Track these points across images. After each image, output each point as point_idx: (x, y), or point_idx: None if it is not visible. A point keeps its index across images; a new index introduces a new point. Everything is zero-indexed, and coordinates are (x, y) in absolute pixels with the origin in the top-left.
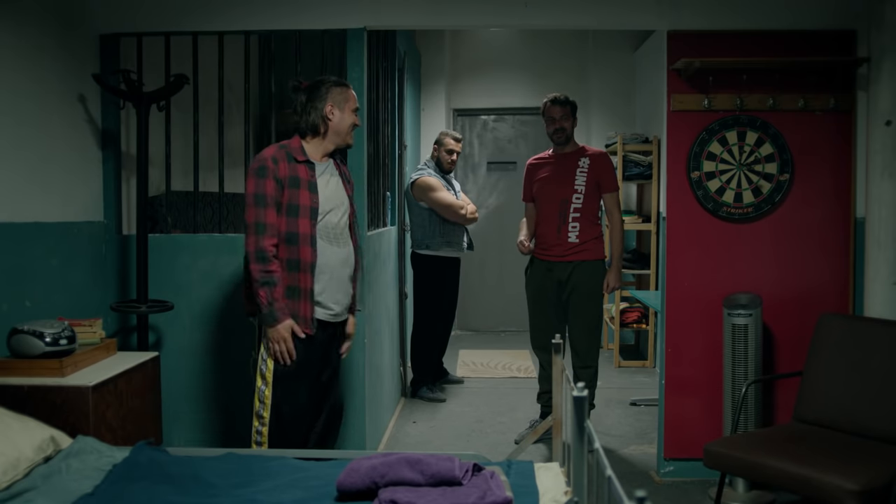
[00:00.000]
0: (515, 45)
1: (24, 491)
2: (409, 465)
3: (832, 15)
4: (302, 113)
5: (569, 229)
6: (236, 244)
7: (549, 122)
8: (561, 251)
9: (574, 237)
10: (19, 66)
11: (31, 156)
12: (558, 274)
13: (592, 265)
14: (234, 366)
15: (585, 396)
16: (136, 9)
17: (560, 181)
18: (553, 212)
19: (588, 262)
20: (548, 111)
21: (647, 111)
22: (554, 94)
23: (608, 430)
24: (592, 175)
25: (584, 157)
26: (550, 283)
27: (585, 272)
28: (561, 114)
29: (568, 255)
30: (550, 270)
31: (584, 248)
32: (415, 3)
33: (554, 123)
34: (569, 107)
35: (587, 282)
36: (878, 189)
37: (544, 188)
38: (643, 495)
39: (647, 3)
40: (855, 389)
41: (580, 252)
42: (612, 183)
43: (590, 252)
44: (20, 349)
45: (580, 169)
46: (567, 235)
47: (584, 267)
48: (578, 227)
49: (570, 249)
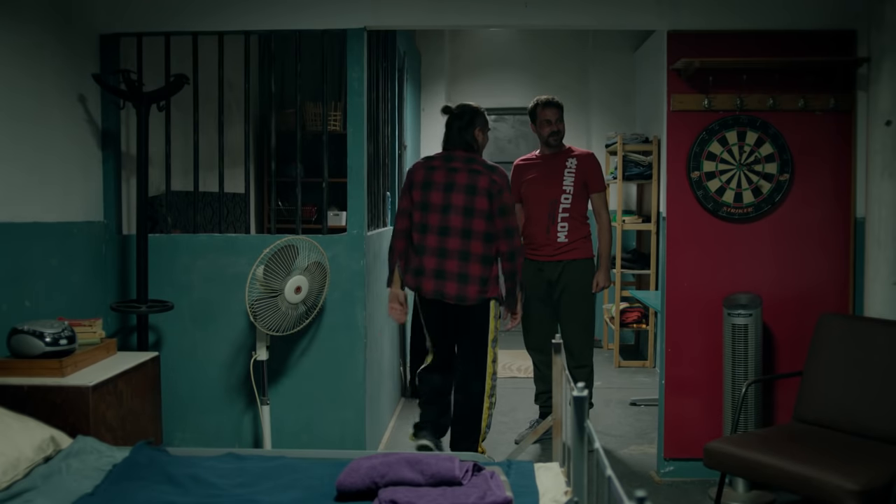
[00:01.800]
0: (515, 45)
1: (24, 491)
2: (409, 465)
3: (832, 15)
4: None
5: (558, 229)
6: (236, 244)
7: (544, 124)
8: (550, 251)
9: (563, 237)
10: (19, 64)
11: (31, 156)
12: (548, 274)
13: (582, 264)
14: (234, 366)
15: (585, 396)
16: (136, 9)
17: (548, 182)
18: (542, 212)
19: (578, 260)
20: (541, 114)
21: (647, 111)
22: (545, 96)
23: (608, 430)
24: (580, 175)
25: (571, 158)
26: (541, 283)
27: (576, 271)
28: (556, 116)
29: (557, 254)
30: (541, 270)
31: (573, 247)
32: (415, 3)
33: (550, 126)
34: (560, 108)
35: (578, 280)
36: (878, 189)
37: (533, 189)
38: (643, 495)
39: (647, 3)
40: (855, 389)
41: (570, 251)
42: (599, 183)
43: (579, 251)
44: (20, 349)
45: (568, 169)
46: (556, 235)
47: (575, 266)
48: (567, 227)
49: (559, 249)
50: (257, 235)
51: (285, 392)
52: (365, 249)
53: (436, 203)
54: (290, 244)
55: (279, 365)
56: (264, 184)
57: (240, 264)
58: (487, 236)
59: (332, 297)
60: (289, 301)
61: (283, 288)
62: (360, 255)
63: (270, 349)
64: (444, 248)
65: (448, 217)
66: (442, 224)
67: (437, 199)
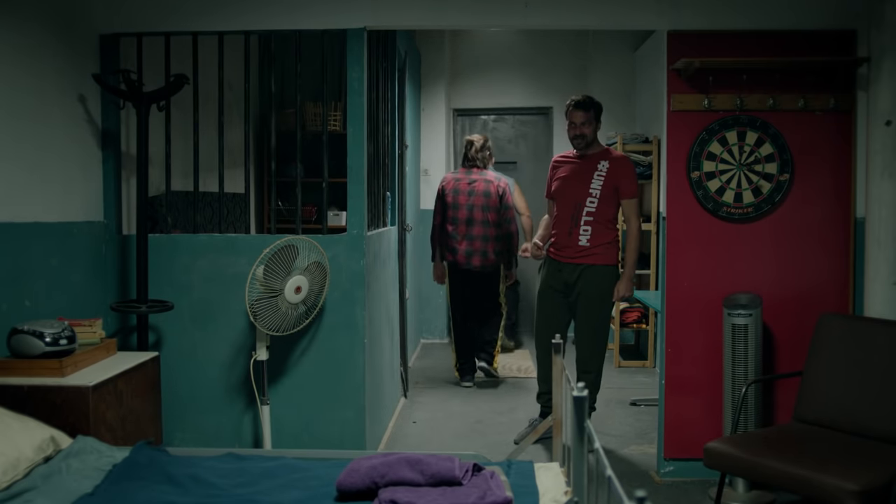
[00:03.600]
0: (515, 45)
1: (24, 491)
2: (409, 465)
3: (832, 15)
4: None
5: (580, 232)
6: (236, 244)
7: (570, 126)
8: (571, 253)
9: (584, 240)
10: (19, 64)
11: (31, 155)
12: (567, 275)
13: (602, 270)
14: (234, 366)
15: (585, 397)
16: (136, 9)
17: (576, 183)
18: (567, 213)
19: (598, 266)
20: (569, 115)
21: (647, 111)
22: (578, 96)
23: (608, 430)
24: (610, 179)
25: (604, 161)
26: (559, 283)
27: (595, 276)
28: (583, 119)
29: (577, 257)
30: (560, 271)
31: (594, 251)
32: (415, 3)
33: (574, 129)
34: (592, 111)
35: (595, 286)
36: (878, 189)
37: (561, 188)
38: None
39: (647, 3)
40: (855, 389)
41: (590, 256)
42: (630, 189)
43: (600, 256)
44: (20, 349)
45: (598, 172)
46: (578, 238)
47: (594, 271)
48: (590, 231)
49: (579, 252)
50: (257, 235)
51: (285, 392)
52: (365, 249)
53: (462, 203)
54: (290, 244)
55: (279, 365)
56: (264, 184)
57: (240, 264)
58: (497, 224)
59: (332, 297)
60: (289, 301)
61: (283, 288)
62: (360, 255)
63: (270, 349)
64: (471, 234)
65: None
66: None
67: (463, 200)
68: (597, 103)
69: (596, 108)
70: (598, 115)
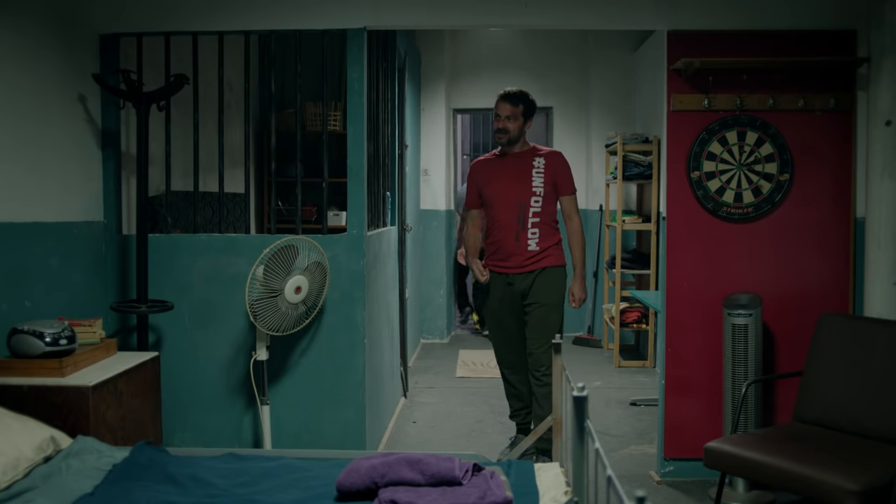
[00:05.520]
0: (515, 45)
1: (24, 491)
2: (409, 465)
3: (832, 15)
4: None
5: (528, 236)
6: (236, 244)
7: (494, 118)
8: (521, 261)
9: (534, 244)
10: (19, 64)
11: (31, 155)
12: (519, 286)
13: (555, 272)
14: (234, 366)
15: (586, 396)
16: (136, 9)
17: (515, 183)
18: (510, 217)
19: (550, 268)
20: (496, 106)
21: (647, 111)
22: (509, 88)
23: (608, 430)
24: (549, 176)
25: (538, 157)
26: (511, 297)
27: (548, 279)
28: (508, 112)
29: (528, 264)
30: (511, 284)
31: (545, 255)
32: (415, 3)
33: (498, 122)
34: (521, 106)
35: (550, 290)
36: (878, 189)
37: (499, 191)
38: (643, 495)
39: (647, 3)
40: (855, 389)
41: (542, 259)
42: (569, 184)
43: (552, 258)
44: (20, 349)
45: (536, 169)
46: (526, 243)
47: (546, 274)
48: (538, 234)
49: (530, 258)
50: (257, 235)
51: (285, 392)
52: (365, 249)
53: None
54: (290, 244)
55: (279, 365)
56: (264, 184)
57: (240, 264)
58: None
59: (332, 297)
60: (289, 301)
61: (283, 288)
62: (359, 255)
63: (270, 349)
64: None
65: None
66: None
67: None
68: (530, 101)
69: (527, 105)
70: (529, 114)
